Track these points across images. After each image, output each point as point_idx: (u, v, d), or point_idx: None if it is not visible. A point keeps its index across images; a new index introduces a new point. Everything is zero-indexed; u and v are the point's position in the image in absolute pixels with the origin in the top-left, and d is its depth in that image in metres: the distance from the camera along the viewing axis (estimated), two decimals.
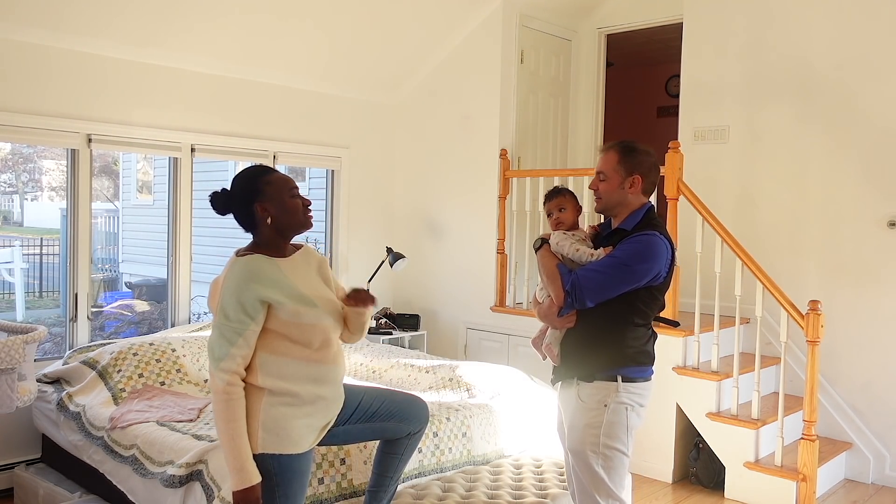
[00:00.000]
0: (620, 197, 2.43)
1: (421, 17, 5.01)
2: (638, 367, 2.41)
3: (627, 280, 2.32)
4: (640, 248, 2.33)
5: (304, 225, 2.26)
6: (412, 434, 2.56)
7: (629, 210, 2.44)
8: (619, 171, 2.42)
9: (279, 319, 2.15)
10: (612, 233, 2.47)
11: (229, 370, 2.10)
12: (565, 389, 2.52)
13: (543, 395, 3.77)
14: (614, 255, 2.34)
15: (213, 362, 2.12)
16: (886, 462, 4.25)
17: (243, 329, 2.11)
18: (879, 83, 4.29)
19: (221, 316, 2.13)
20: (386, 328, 5.25)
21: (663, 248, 2.36)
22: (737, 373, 4.00)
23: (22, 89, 3.84)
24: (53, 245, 8.13)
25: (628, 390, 2.38)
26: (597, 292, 2.32)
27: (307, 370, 2.20)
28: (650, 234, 2.36)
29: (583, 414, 2.40)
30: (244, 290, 2.12)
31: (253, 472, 2.10)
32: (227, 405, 2.09)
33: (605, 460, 2.36)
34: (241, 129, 4.77)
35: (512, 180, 5.08)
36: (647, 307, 2.41)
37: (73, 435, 3.48)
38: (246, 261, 2.18)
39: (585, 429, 2.39)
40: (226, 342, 2.11)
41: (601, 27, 5.65)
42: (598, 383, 2.39)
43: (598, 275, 2.33)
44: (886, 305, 4.26)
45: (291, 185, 2.26)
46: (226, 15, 4.23)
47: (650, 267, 2.33)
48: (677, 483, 4.24)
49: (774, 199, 4.68)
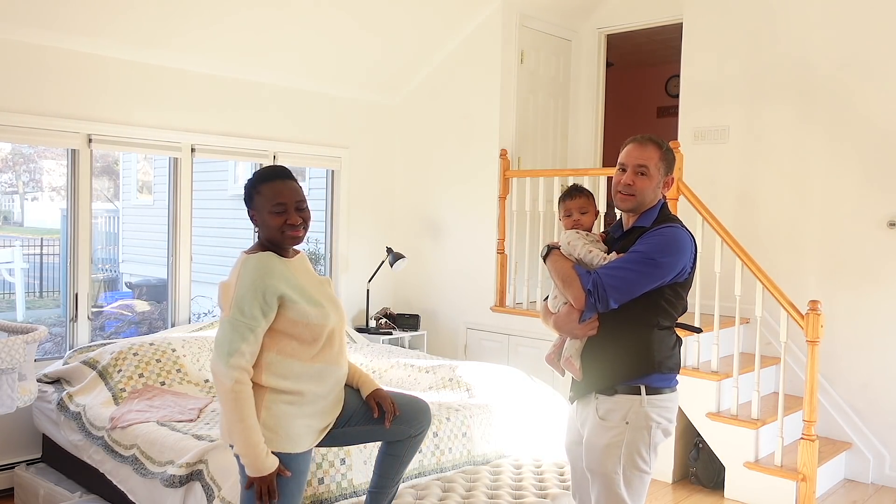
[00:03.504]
0: (654, 196, 2.25)
1: (421, 17, 5.01)
2: (664, 376, 2.22)
3: (654, 275, 2.14)
4: (665, 241, 2.16)
5: (280, 243, 2.21)
6: (413, 436, 2.55)
7: (647, 207, 2.27)
8: (660, 168, 2.24)
9: (287, 318, 2.15)
10: (628, 232, 2.29)
11: (238, 366, 2.08)
12: (583, 405, 2.33)
13: (543, 395, 3.77)
14: (637, 249, 2.16)
15: (221, 358, 2.09)
16: (886, 462, 4.26)
17: (255, 325, 2.11)
18: (879, 83, 4.29)
19: (236, 311, 2.10)
20: (386, 328, 5.26)
21: (688, 241, 2.21)
22: (737, 373, 4.00)
23: (22, 89, 3.85)
24: (54, 245, 8.13)
25: (653, 404, 2.20)
26: (622, 290, 2.13)
27: (310, 370, 2.21)
28: (673, 227, 2.21)
29: (603, 433, 2.22)
30: (263, 284, 2.12)
31: (270, 462, 2.11)
32: (237, 403, 2.08)
33: (627, 481, 2.21)
34: (241, 129, 4.78)
35: (512, 180, 5.08)
36: (671, 307, 2.23)
37: (73, 435, 3.48)
38: (259, 257, 2.19)
39: (606, 449, 2.21)
40: (238, 337, 2.09)
41: (601, 27, 5.65)
42: (619, 397, 2.21)
43: (621, 271, 2.13)
44: (886, 305, 4.26)
45: (279, 199, 2.18)
46: (226, 15, 4.24)
47: (676, 260, 2.16)
48: (677, 483, 4.24)
49: (774, 199, 4.68)
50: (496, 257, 5.12)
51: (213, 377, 2.14)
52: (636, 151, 2.25)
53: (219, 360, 2.10)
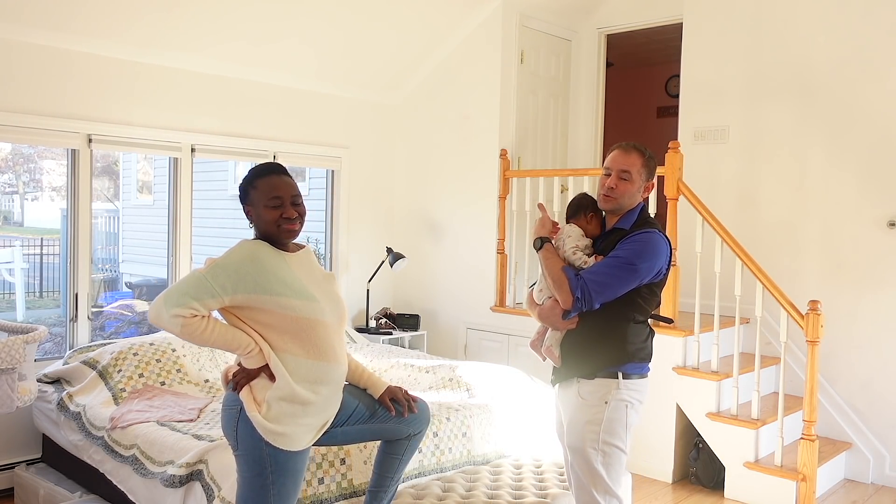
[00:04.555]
0: (634, 199, 2.48)
1: (421, 17, 5.01)
2: (637, 365, 2.45)
3: (633, 279, 2.36)
4: (643, 247, 2.37)
5: (276, 237, 2.22)
6: (413, 435, 2.56)
7: (628, 209, 2.49)
8: (642, 174, 2.46)
9: (267, 311, 2.15)
10: (609, 233, 2.50)
11: (180, 316, 2.06)
12: (564, 389, 2.54)
13: (543, 395, 3.77)
14: (618, 255, 2.37)
15: (167, 305, 2.06)
16: (886, 462, 4.26)
17: (218, 294, 2.09)
18: (879, 83, 4.29)
19: (209, 271, 2.10)
20: (386, 328, 5.26)
21: (664, 246, 2.42)
22: (737, 373, 4.00)
23: (22, 89, 3.85)
24: (54, 245, 8.13)
25: (628, 387, 2.42)
26: (604, 294, 2.35)
27: (309, 367, 2.20)
28: (650, 233, 2.41)
29: (584, 411, 2.43)
30: (244, 266, 2.13)
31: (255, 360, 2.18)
32: (193, 335, 2.10)
33: (605, 457, 2.40)
34: (241, 129, 4.78)
35: (512, 180, 5.08)
36: (646, 303, 2.45)
37: (73, 435, 3.48)
38: (252, 242, 2.22)
39: (586, 425, 2.41)
40: (190, 294, 2.07)
41: (601, 27, 5.65)
42: (599, 380, 2.42)
43: (604, 276, 2.35)
44: (886, 305, 4.26)
45: (275, 193, 2.19)
46: (226, 15, 4.24)
47: (653, 264, 2.38)
48: (677, 483, 4.24)
49: (774, 199, 4.68)
50: (496, 257, 5.12)
51: (152, 318, 2.10)
52: (620, 157, 2.47)
53: (163, 307, 2.07)
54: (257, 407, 2.16)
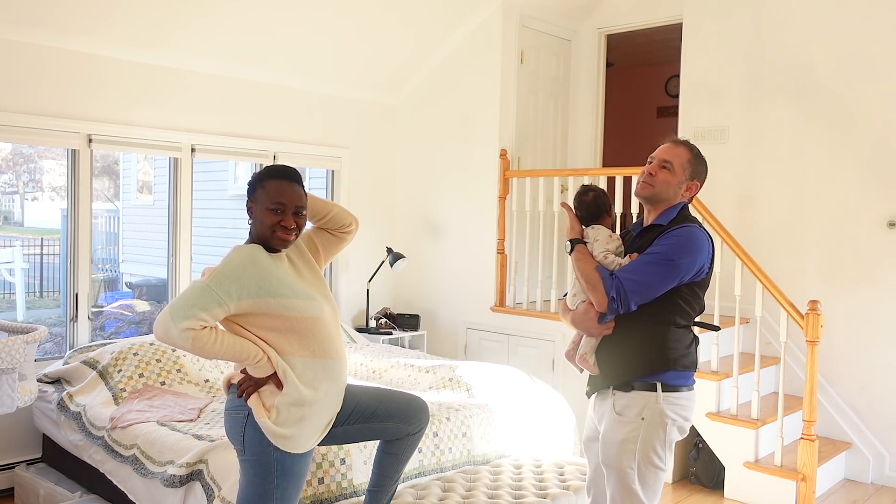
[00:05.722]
0: (672, 194, 2.33)
1: (421, 17, 5.01)
2: (679, 373, 2.26)
3: (672, 277, 2.20)
4: (682, 242, 2.22)
5: (269, 241, 2.21)
6: (412, 434, 2.56)
7: (667, 205, 2.34)
8: (686, 170, 2.33)
9: (274, 314, 2.15)
10: (647, 229, 2.35)
11: (190, 329, 2.04)
12: (601, 401, 2.37)
13: (543, 395, 3.78)
14: (655, 251, 2.22)
15: (174, 319, 2.03)
16: (886, 462, 4.26)
17: (224, 301, 2.08)
18: (879, 83, 4.29)
19: (211, 280, 2.08)
20: (386, 328, 5.26)
21: (705, 241, 2.27)
22: (736, 373, 4.00)
23: (22, 89, 3.85)
24: (54, 245, 8.13)
25: (669, 401, 2.24)
26: (642, 294, 2.20)
27: (316, 367, 2.21)
28: (690, 227, 2.27)
29: (619, 428, 2.26)
30: (245, 273, 2.12)
31: (264, 368, 2.17)
32: (203, 349, 2.08)
33: (642, 476, 2.24)
34: (242, 129, 4.78)
35: (512, 180, 5.08)
36: (689, 306, 2.29)
37: (73, 435, 3.48)
38: (248, 247, 2.21)
39: (622, 444, 2.25)
40: (197, 306, 2.05)
41: (601, 27, 5.65)
42: (635, 394, 2.24)
43: (641, 274, 2.20)
44: (886, 305, 4.27)
45: (280, 199, 2.18)
46: (226, 15, 4.24)
47: (693, 261, 2.22)
48: (677, 483, 4.24)
49: (774, 199, 4.68)
50: (496, 257, 5.12)
51: (160, 335, 2.08)
52: (667, 148, 2.37)
53: (170, 321, 2.04)
54: (267, 413, 2.16)
